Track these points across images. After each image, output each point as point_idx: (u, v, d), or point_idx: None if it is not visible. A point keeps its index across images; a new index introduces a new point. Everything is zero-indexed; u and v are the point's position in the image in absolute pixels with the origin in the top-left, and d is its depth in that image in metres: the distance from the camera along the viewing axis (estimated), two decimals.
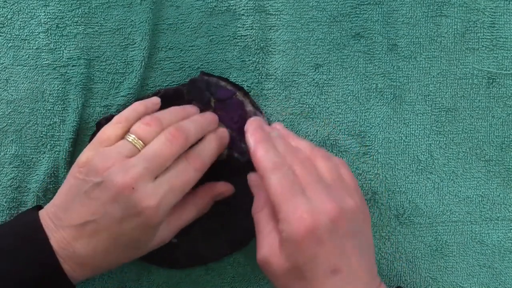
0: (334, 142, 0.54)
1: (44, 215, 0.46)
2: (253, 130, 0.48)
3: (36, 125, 0.53)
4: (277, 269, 0.44)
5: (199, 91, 0.52)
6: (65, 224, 0.44)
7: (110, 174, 0.43)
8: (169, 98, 0.52)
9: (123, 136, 0.46)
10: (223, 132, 0.51)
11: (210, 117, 0.50)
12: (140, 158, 0.45)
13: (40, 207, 0.48)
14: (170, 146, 0.45)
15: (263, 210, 0.46)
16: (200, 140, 0.49)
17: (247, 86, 0.53)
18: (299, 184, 0.44)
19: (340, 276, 0.43)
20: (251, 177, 0.49)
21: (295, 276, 0.43)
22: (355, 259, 0.44)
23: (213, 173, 0.50)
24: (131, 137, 0.46)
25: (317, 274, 0.43)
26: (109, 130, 0.46)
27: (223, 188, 0.51)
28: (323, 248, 0.43)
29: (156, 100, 0.50)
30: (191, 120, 0.49)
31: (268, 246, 0.44)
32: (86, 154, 0.45)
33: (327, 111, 0.54)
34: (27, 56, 0.52)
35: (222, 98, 0.51)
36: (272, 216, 0.45)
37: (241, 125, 0.51)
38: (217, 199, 0.51)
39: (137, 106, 0.48)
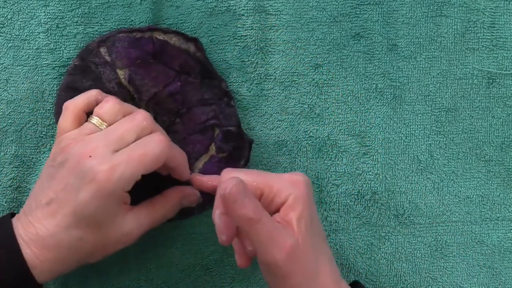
0: (334, 142, 0.54)
1: (20, 212, 0.47)
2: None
3: (36, 125, 0.53)
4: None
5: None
6: (33, 208, 0.45)
7: (72, 150, 0.44)
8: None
9: (78, 121, 0.47)
10: None
11: None
12: (101, 133, 0.45)
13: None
14: (131, 121, 0.46)
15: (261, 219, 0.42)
16: None
17: (247, 86, 0.53)
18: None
19: None
20: (216, 214, 0.44)
21: None
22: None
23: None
24: (94, 119, 0.46)
25: None
26: (61, 120, 0.47)
27: (191, 193, 0.49)
28: None
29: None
30: None
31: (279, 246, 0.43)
32: (54, 146, 0.46)
33: (327, 111, 0.53)
34: (27, 56, 0.52)
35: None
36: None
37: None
38: (183, 206, 0.49)
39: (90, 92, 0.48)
